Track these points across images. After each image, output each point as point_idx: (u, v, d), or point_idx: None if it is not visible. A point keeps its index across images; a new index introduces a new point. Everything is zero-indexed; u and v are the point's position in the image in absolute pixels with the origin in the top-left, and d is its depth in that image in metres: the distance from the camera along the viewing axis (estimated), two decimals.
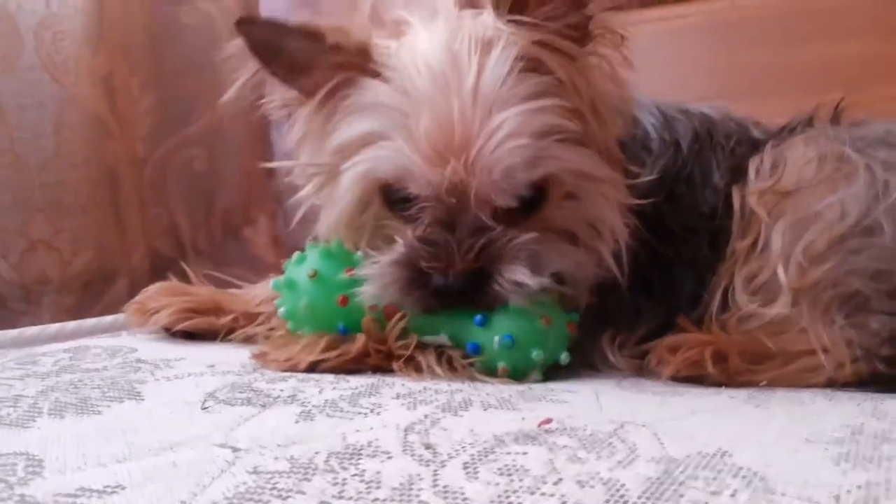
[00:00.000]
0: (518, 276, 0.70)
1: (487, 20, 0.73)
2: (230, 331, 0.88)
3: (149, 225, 1.68)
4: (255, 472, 0.47)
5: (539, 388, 0.68)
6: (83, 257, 1.52)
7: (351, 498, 0.43)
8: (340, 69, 0.74)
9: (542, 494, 0.43)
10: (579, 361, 0.76)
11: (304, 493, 0.44)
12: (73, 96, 1.49)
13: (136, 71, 1.63)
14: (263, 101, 0.83)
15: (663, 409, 0.62)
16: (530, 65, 0.72)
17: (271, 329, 0.83)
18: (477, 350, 0.73)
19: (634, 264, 0.78)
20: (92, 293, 1.51)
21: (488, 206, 0.72)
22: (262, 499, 0.43)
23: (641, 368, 0.76)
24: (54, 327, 0.97)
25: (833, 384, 0.71)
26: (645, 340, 0.78)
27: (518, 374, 0.72)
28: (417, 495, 0.43)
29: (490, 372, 0.72)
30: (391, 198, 0.75)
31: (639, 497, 0.43)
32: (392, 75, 0.72)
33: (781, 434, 0.56)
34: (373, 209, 0.79)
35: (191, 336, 0.88)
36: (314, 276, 0.76)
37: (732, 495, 0.43)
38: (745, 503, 0.42)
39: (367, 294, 0.73)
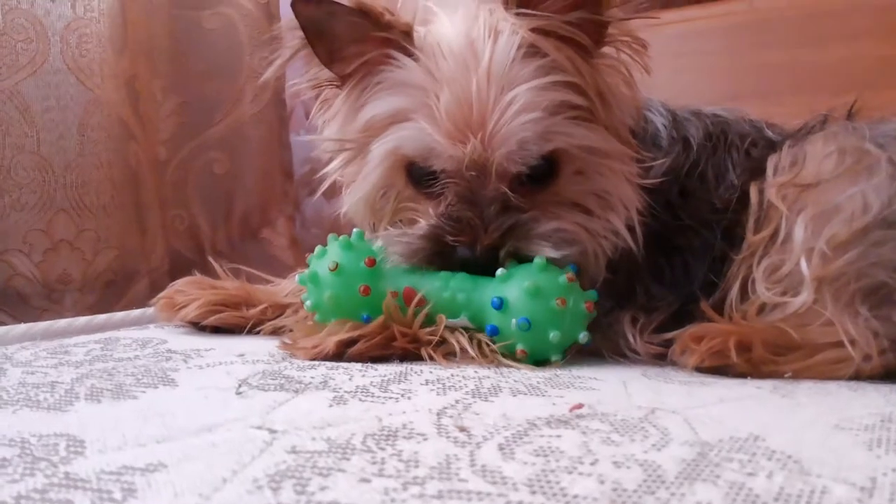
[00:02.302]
0: (543, 253, 0.75)
1: (499, 11, 0.78)
2: (258, 323, 0.89)
3: (169, 226, 1.70)
4: (294, 451, 0.47)
5: (566, 376, 0.69)
6: (105, 257, 1.54)
7: (391, 476, 0.44)
8: (384, 45, 0.77)
9: (580, 474, 0.44)
10: (601, 343, 0.78)
11: (344, 471, 0.44)
12: (97, 98, 1.51)
13: (159, 74, 1.66)
14: (296, 81, 0.85)
15: (691, 397, 0.62)
16: (537, 50, 0.76)
17: (299, 321, 0.84)
18: (495, 332, 0.75)
19: (646, 251, 0.81)
20: (113, 292, 1.53)
21: (506, 180, 0.76)
22: (304, 476, 0.43)
23: (664, 357, 0.76)
24: (83, 320, 0.99)
25: (859, 376, 0.71)
26: (663, 328, 0.79)
27: (537, 356, 0.74)
28: (457, 473, 0.44)
29: (510, 353, 0.74)
30: (415, 175, 0.80)
31: (676, 477, 0.43)
32: (421, 57, 0.76)
33: (811, 421, 0.56)
34: (395, 190, 0.83)
35: (218, 330, 0.89)
36: (335, 269, 0.78)
37: (769, 476, 0.44)
38: (781, 484, 0.43)
39: (392, 257, 0.77)
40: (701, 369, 0.72)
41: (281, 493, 0.41)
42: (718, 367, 0.72)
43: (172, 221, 1.70)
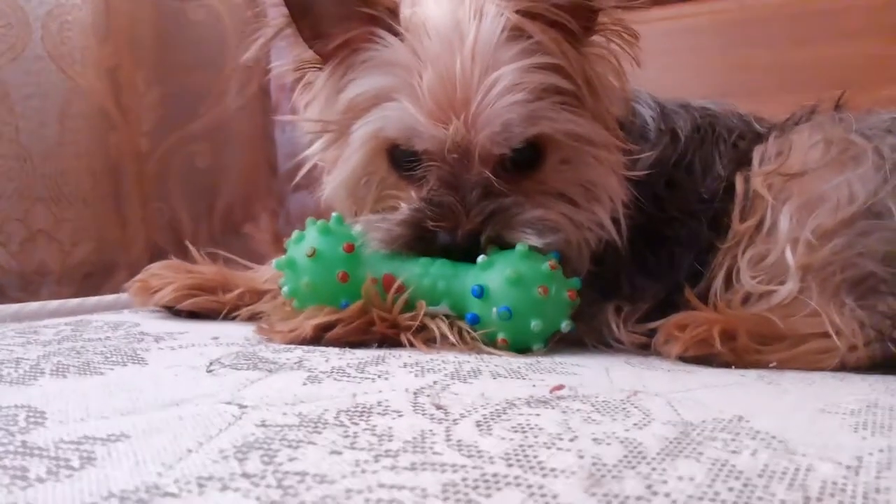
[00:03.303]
0: (526, 240, 0.73)
1: None
2: (234, 308, 0.87)
3: (150, 218, 1.67)
4: (264, 425, 0.45)
5: (548, 361, 0.68)
6: (83, 248, 1.52)
7: (363, 448, 0.42)
8: (369, 23, 0.75)
9: (559, 449, 0.42)
10: (584, 332, 0.77)
11: (314, 443, 0.43)
12: (78, 87, 1.48)
13: (142, 65, 1.63)
14: (278, 63, 0.83)
15: (674, 382, 0.61)
16: (524, 32, 0.74)
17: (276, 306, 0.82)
18: (476, 321, 0.73)
19: (631, 243, 0.80)
20: (91, 284, 1.50)
21: (490, 164, 0.74)
22: (273, 447, 0.42)
23: (648, 346, 0.75)
24: (55, 303, 0.96)
25: (845, 367, 0.70)
26: (647, 318, 0.77)
27: (518, 344, 0.72)
28: (431, 447, 0.42)
29: (491, 342, 0.72)
30: (397, 158, 0.78)
31: (657, 453, 0.42)
32: (406, 36, 0.75)
33: (796, 405, 0.55)
34: (377, 176, 0.81)
35: (194, 315, 0.87)
36: (313, 254, 0.76)
37: (753, 454, 0.42)
38: (766, 462, 0.41)
39: (372, 242, 0.75)
40: (684, 358, 0.71)
41: (247, 463, 0.39)
42: (702, 356, 0.71)
43: (153, 214, 1.68)
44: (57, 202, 1.47)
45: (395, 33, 0.75)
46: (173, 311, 0.88)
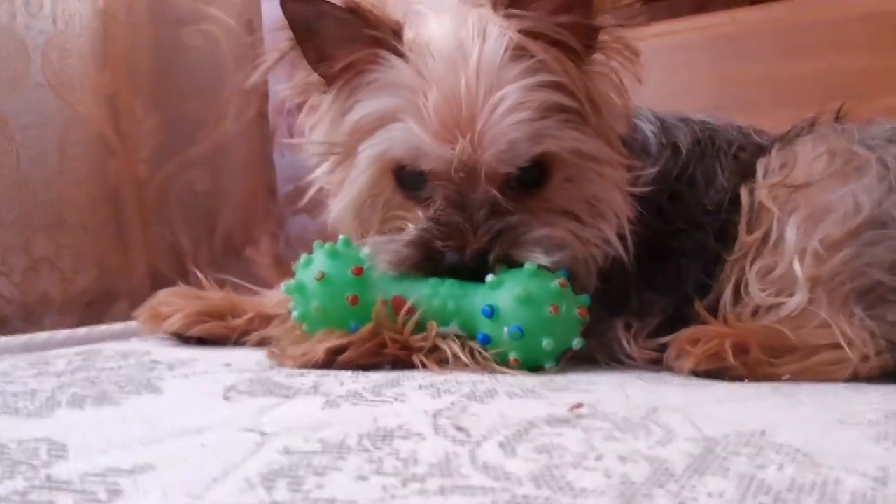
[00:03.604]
0: (534, 259, 0.73)
1: (488, 13, 0.77)
2: (243, 333, 0.86)
3: (151, 244, 1.66)
4: (287, 452, 0.45)
5: (561, 380, 0.68)
6: (85, 276, 1.51)
7: (389, 474, 0.42)
8: (373, 45, 0.76)
9: (586, 469, 0.42)
10: (595, 349, 0.77)
11: (340, 469, 0.43)
12: (77, 115, 1.49)
13: (140, 91, 1.64)
14: (282, 87, 0.84)
15: (690, 397, 0.61)
16: (527, 51, 0.75)
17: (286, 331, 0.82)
18: (487, 341, 0.73)
19: (637, 258, 0.80)
20: (93, 313, 1.50)
21: (496, 183, 0.75)
22: (299, 474, 0.42)
23: (659, 362, 0.75)
24: (64, 333, 0.96)
25: (857, 377, 0.70)
26: (657, 333, 0.78)
27: (530, 363, 0.72)
28: (458, 470, 0.42)
29: (503, 362, 0.72)
30: (404, 179, 0.78)
31: (684, 470, 0.42)
32: (411, 56, 0.75)
33: (814, 417, 0.55)
34: (383, 198, 0.81)
35: (203, 342, 0.87)
36: (322, 278, 0.76)
37: (779, 468, 0.43)
38: (793, 476, 0.41)
39: (380, 264, 0.75)
40: (697, 373, 0.71)
41: (275, 491, 0.39)
42: (715, 371, 0.71)
43: (154, 239, 1.67)
44: (58, 230, 1.47)
45: (400, 55, 0.76)
46: (182, 339, 0.87)
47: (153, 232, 1.67)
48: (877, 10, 1.19)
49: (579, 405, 0.56)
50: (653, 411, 0.54)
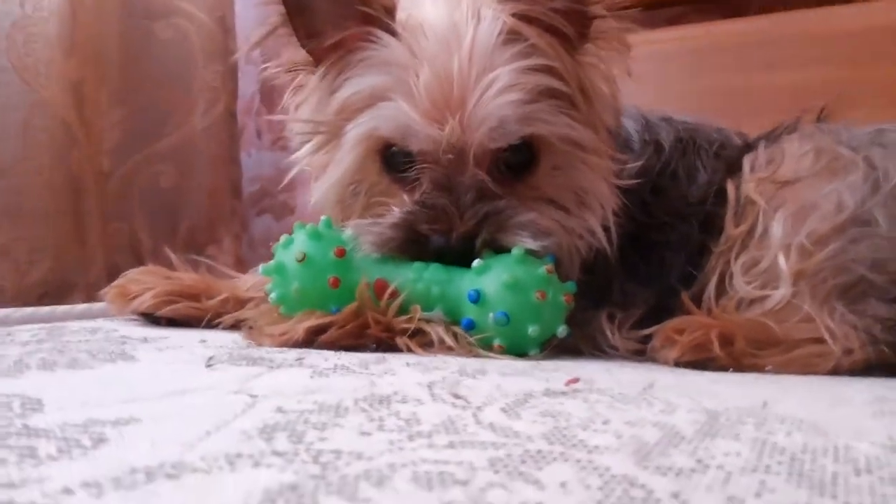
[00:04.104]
0: (521, 243, 0.72)
1: None
2: (216, 315, 0.83)
3: (109, 239, 1.61)
4: (281, 410, 0.43)
5: (549, 364, 0.67)
6: (40, 268, 1.46)
7: (393, 430, 0.40)
8: (365, 23, 0.74)
9: (595, 431, 0.41)
10: (579, 339, 0.76)
11: (341, 426, 0.41)
12: (41, 100, 1.44)
13: (107, 82, 1.60)
14: (270, 64, 0.81)
15: (682, 378, 0.61)
16: (520, 35, 0.75)
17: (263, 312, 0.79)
18: (471, 326, 0.72)
19: (621, 250, 0.80)
20: (46, 305, 1.44)
21: (484, 165, 0.74)
22: (298, 429, 0.39)
23: (643, 353, 0.75)
24: (25, 310, 0.91)
25: (839, 370, 0.70)
26: (641, 324, 0.77)
27: (514, 350, 0.71)
28: (464, 429, 0.41)
29: (487, 347, 0.71)
30: (390, 160, 0.77)
31: (694, 434, 0.41)
32: (403, 35, 0.74)
33: (809, 399, 0.55)
34: (367, 183, 0.80)
35: (174, 323, 0.84)
36: (303, 259, 0.74)
37: (788, 434, 0.42)
38: (804, 441, 0.41)
39: (363, 245, 0.73)
40: (681, 363, 0.71)
41: (275, 442, 0.37)
42: (700, 361, 0.70)
43: (113, 234, 1.62)
44: (14, 218, 1.42)
45: (392, 33, 0.75)
46: (152, 319, 0.84)
47: (113, 226, 1.62)
48: (850, 26, 1.23)
49: (575, 380, 0.54)
50: (649, 387, 0.54)
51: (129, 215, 1.64)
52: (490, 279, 0.72)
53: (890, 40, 1.23)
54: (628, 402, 0.49)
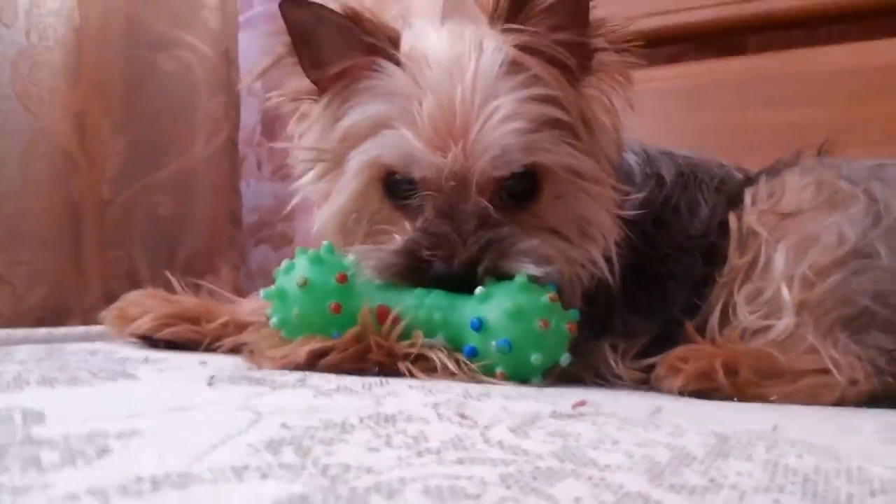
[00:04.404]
0: (524, 270, 0.71)
1: (485, 27, 0.77)
2: (216, 339, 0.82)
3: (107, 266, 1.61)
4: (286, 426, 0.42)
5: (552, 390, 0.66)
6: (37, 293, 1.45)
7: (401, 447, 0.39)
8: (369, 53, 0.75)
9: (605, 450, 0.41)
10: (582, 368, 0.76)
11: (347, 442, 0.40)
12: (44, 128, 1.45)
13: (110, 111, 1.60)
14: (275, 93, 0.82)
15: (688, 404, 0.60)
16: (523, 66, 0.75)
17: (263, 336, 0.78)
18: (474, 354, 0.71)
19: (623, 281, 0.79)
20: None
21: (487, 193, 0.74)
22: (304, 444, 0.39)
23: (646, 382, 0.74)
24: (22, 331, 0.90)
25: (844, 401, 0.70)
26: (644, 354, 0.77)
27: (516, 378, 0.70)
28: (472, 446, 0.40)
29: (489, 374, 0.70)
30: (393, 188, 0.77)
31: (706, 455, 0.41)
32: (407, 64, 0.75)
33: (817, 425, 0.55)
34: (369, 211, 0.79)
35: (173, 346, 0.83)
36: (304, 284, 0.73)
37: (799, 457, 0.42)
38: (816, 463, 0.40)
39: (365, 270, 0.73)
40: (686, 392, 0.70)
41: (282, 456, 0.37)
42: (704, 390, 0.70)
43: (111, 262, 1.61)
44: (13, 244, 1.42)
45: (396, 63, 0.75)
46: (151, 342, 0.83)
47: (111, 254, 1.61)
48: (846, 66, 1.24)
49: (582, 403, 0.54)
50: (656, 411, 0.53)
51: (127, 243, 1.64)
52: (492, 307, 0.71)
53: (885, 79, 1.25)
54: (636, 425, 0.48)
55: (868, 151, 0.90)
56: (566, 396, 0.60)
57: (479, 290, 0.72)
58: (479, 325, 0.70)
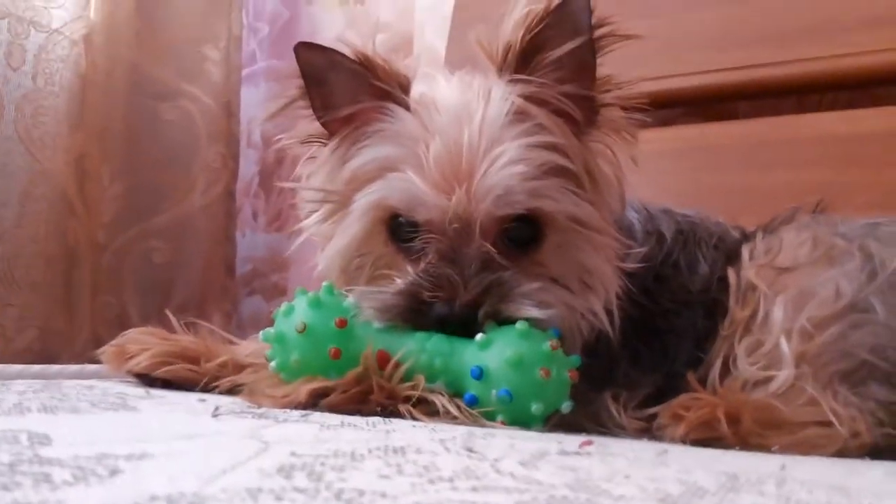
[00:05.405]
0: (526, 313, 0.71)
1: (493, 77, 0.79)
2: (214, 378, 0.81)
3: (98, 312, 1.60)
4: (296, 455, 0.42)
5: (555, 434, 0.65)
6: (27, 336, 1.44)
7: (412, 475, 0.39)
8: (380, 97, 0.76)
9: (617, 484, 0.41)
10: (583, 417, 0.75)
11: (359, 469, 0.40)
12: (44, 170, 1.46)
13: (110, 157, 1.62)
14: (284, 135, 0.83)
15: (694, 450, 0.60)
16: (529, 115, 0.76)
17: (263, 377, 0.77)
18: (474, 402, 0.70)
19: (623, 335, 0.79)
20: None
21: (490, 237, 0.74)
22: (316, 470, 0.38)
23: (648, 431, 0.73)
24: (16, 367, 0.89)
25: (846, 453, 0.69)
26: (645, 404, 0.76)
27: (517, 425, 0.69)
28: (485, 475, 0.40)
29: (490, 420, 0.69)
30: (397, 230, 0.77)
31: (718, 489, 0.41)
32: (416, 109, 0.76)
33: (824, 468, 0.55)
34: (373, 255, 0.80)
35: (169, 385, 0.82)
36: (303, 330, 0.72)
37: (810, 492, 0.41)
38: (826, 499, 0.40)
39: (365, 311, 0.73)
40: (688, 440, 0.70)
41: (295, 480, 0.36)
42: (706, 439, 0.69)
43: (102, 308, 1.61)
44: (6, 285, 1.41)
45: (406, 108, 0.77)
46: (147, 381, 0.82)
47: (102, 299, 1.61)
48: (834, 132, 1.27)
49: (589, 442, 0.54)
50: (663, 452, 0.53)
51: (119, 289, 1.63)
52: (493, 355, 0.70)
53: (872, 145, 1.28)
54: (644, 463, 0.48)
55: (860, 213, 0.92)
56: (571, 438, 0.60)
57: (479, 336, 0.71)
58: (480, 374, 0.69)
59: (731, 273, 0.83)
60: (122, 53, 1.63)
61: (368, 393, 0.69)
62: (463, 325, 0.72)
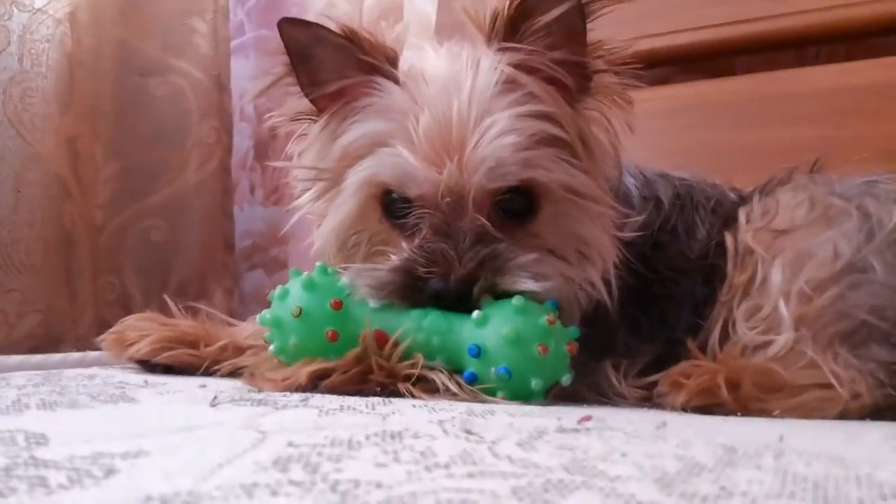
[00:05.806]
0: (522, 286, 0.71)
1: (482, 47, 0.77)
2: (214, 362, 0.82)
3: (100, 293, 1.60)
4: (292, 445, 0.42)
5: (556, 408, 0.66)
6: (29, 321, 1.44)
7: (409, 462, 0.39)
8: (368, 72, 0.75)
9: (614, 463, 0.41)
10: (584, 388, 0.75)
11: (355, 458, 0.40)
12: (36, 154, 1.45)
13: (101, 137, 1.61)
14: (273, 113, 0.82)
15: (693, 420, 0.60)
16: (520, 84, 0.75)
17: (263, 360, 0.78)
18: (473, 379, 0.70)
19: (621, 304, 0.79)
20: None
21: (483, 209, 0.74)
22: (312, 461, 0.38)
23: (650, 399, 0.74)
24: (17, 358, 0.89)
25: (847, 415, 0.70)
26: (646, 372, 0.77)
27: (517, 400, 0.69)
28: (482, 460, 0.40)
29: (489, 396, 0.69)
30: (390, 207, 0.77)
31: (714, 465, 0.41)
32: (405, 82, 0.75)
33: (823, 437, 0.55)
34: (368, 232, 0.79)
35: (170, 370, 0.82)
36: (299, 314, 0.72)
37: (807, 464, 0.41)
38: (824, 471, 0.40)
39: (360, 290, 0.73)
40: (688, 408, 0.70)
41: (291, 473, 0.36)
42: (707, 405, 0.69)
43: (103, 289, 1.61)
44: (5, 271, 1.41)
45: (395, 81, 0.76)
46: (148, 367, 0.82)
47: (103, 280, 1.61)
48: (832, 85, 1.26)
49: (588, 418, 0.54)
50: (662, 425, 0.53)
51: (119, 269, 1.63)
52: (490, 332, 0.69)
53: (872, 97, 1.26)
54: (643, 438, 0.48)
55: (858, 168, 0.91)
56: (570, 412, 0.60)
57: (476, 313, 0.71)
58: (478, 353, 0.69)
59: (728, 237, 0.83)
60: (108, 30, 1.61)
61: (368, 373, 0.70)
62: (459, 300, 0.72)
